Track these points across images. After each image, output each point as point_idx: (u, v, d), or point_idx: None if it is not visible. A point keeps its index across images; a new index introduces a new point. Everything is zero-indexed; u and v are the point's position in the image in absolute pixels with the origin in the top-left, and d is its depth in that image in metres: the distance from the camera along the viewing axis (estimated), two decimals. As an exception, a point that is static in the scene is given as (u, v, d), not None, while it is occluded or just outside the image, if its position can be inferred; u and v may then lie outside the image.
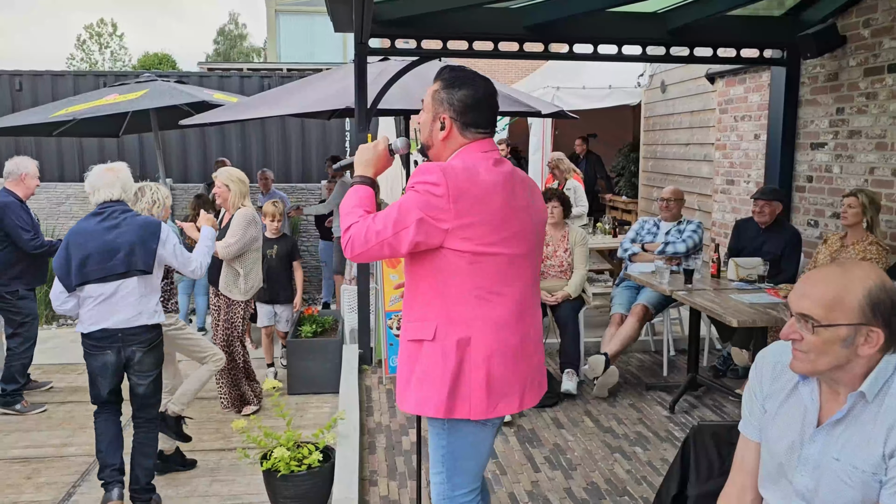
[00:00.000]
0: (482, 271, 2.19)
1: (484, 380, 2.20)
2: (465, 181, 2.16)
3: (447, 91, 2.27)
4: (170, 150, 9.88)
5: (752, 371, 1.89)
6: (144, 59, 41.60)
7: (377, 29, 5.23)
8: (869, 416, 1.62)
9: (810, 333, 1.60)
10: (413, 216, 2.14)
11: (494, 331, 2.21)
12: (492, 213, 2.18)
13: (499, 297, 2.22)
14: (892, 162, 4.86)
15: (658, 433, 4.41)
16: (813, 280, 1.64)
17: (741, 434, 1.88)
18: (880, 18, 4.94)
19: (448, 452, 2.33)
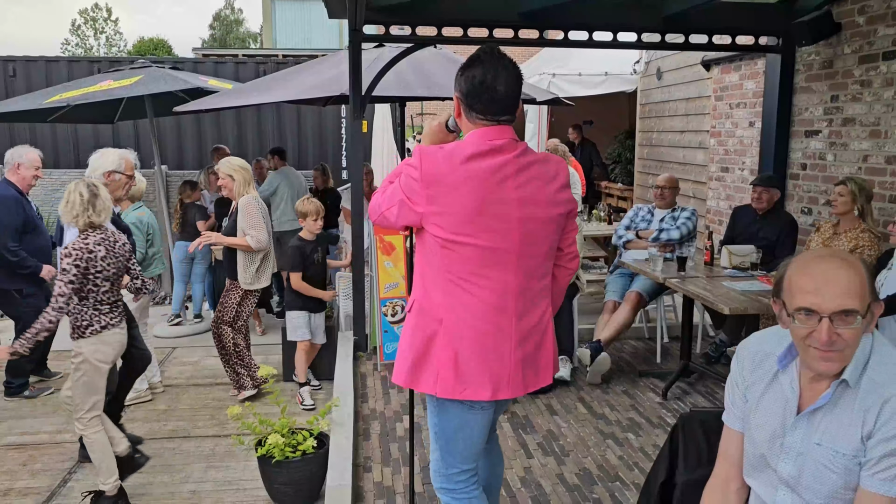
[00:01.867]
0: (455, 258, 2.19)
1: (452, 360, 2.23)
2: (439, 168, 2.16)
3: (461, 69, 2.26)
4: (165, 136, 9.84)
5: (734, 362, 1.89)
6: (140, 45, 41.38)
7: (372, 15, 5.21)
8: (848, 401, 1.63)
9: (850, 328, 1.56)
10: (397, 196, 2.22)
11: (467, 317, 2.22)
12: (463, 203, 2.15)
13: (472, 286, 2.21)
14: (885, 150, 4.87)
15: (650, 419, 4.45)
16: (832, 275, 1.57)
17: (725, 424, 1.89)
18: (875, 6, 4.93)
19: (440, 430, 2.40)
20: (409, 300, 2.38)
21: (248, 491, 3.92)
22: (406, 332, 2.34)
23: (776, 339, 1.80)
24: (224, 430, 4.66)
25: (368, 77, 5.48)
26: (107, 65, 9.59)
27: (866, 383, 1.61)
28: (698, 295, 4.18)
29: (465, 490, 2.44)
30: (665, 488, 2.10)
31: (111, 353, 3.67)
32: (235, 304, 5.09)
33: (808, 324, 1.58)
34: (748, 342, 1.88)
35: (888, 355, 1.63)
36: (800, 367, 1.71)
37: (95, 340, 3.58)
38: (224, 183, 5.04)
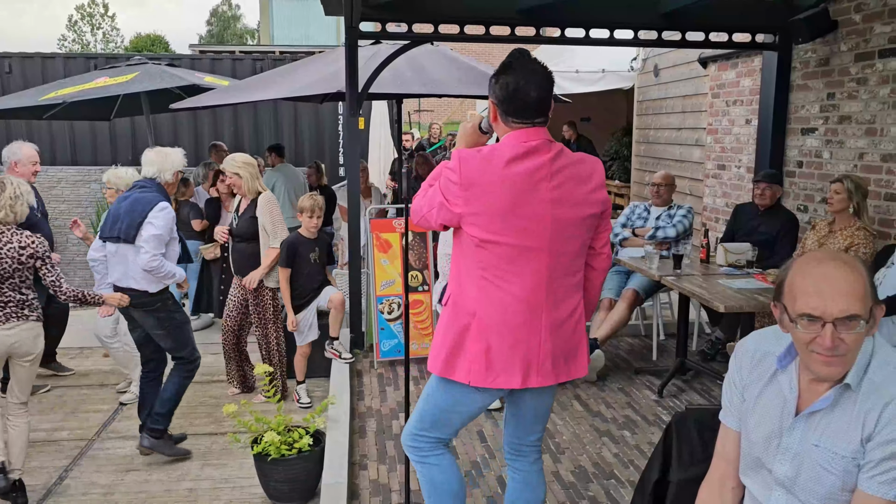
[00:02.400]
0: (488, 256, 2.31)
1: (483, 352, 2.34)
2: (476, 170, 2.26)
3: (495, 76, 2.34)
4: (161, 133, 9.82)
5: (732, 360, 1.88)
6: (137, 41, 41.28)
7: (368, 12, 5.20)
8: (848, 403, 1.62)
9: (853, 333, 1.55)
10: (437, 198, 2.33)
11: (497, 311, 2.33)
12: (498, 204, 2.25)
13: (504, 282, 2.32)
14: (881, 147, 4.87)
15: (646, 417, 4.45)
16: (835, 280, 1.55)
17: (721, 423, 1.89)
18: (871, 3, 4.93)
19: (433, 399, 2.50)
20: (445, 295, 2.48)
21: (244, 489, 3.93)
22: (441, 324, 2.45)
23: (775, 338, 1.79)
24: (221, 428, 4.67)
25: (365, 74, 5.47)
26: (103, 61, 9.57)
27: (867, 386, 1.60)
28: (694, 293, 4.18)
29: (432, 452, 2.57)
30: (659, 487, 2.11)
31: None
32: (270, 304, 5.03)
33: (811, 329, 1.56)
34: (746, 341, 1.88)
35: (889, 357, 1.62)
36: (799, 368, 1.71)
37: None
38: (233, 181, 4.97)
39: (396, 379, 5.14)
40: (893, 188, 4.79)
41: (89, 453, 4.34)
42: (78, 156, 10.02)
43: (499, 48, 20.42)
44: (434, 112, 16.28)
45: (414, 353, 5.40)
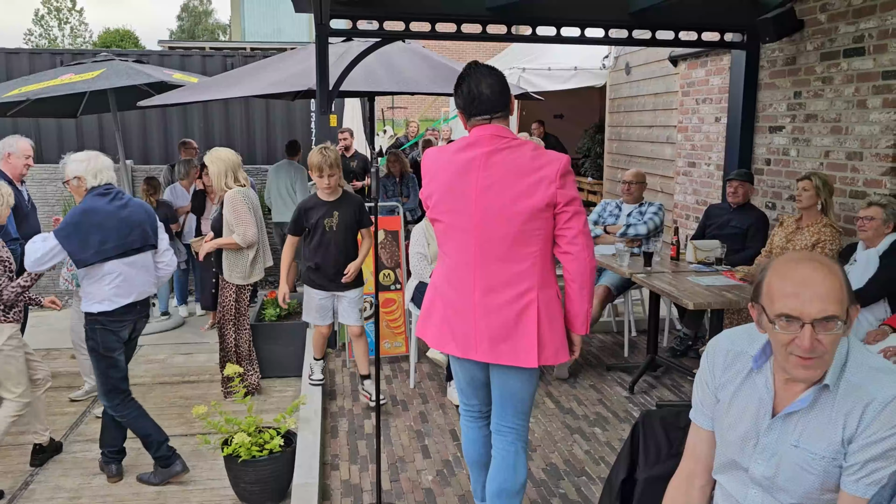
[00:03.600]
0: (438, 233, 2.74)
1: (438, 319, 2.75)
2: (432, 160, 2.72)
3: (455, 89, 2.71)
4: (130, 130, 9.67)
5: (704, 360, 1.88)
6: (105, 36, 40.63)
7: (339, 9, 5.16)
8: (826, 403, 1.62)
9: (831, 334, 1.54)
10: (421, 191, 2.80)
11: (442, 281, 2.74)
12: (440, 187, 2.66)
13: (447, 257, 2.72)
14: (846, 146, 4.95)
15: (617, 413, 4.49)
16: (813, 281, 1.55)
17: (692, 422, 1.89)
18: (836, 3, 5.00)
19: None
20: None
21: (214, 490, 3.89)
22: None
23: (748, 337, 1.79)
24: (191, 430, 4.62)
25: (336, 71, 5.43)
26: (69, 57, 9.39)
27: (845, 386, 1.60)
28: (664, 290, 4.22)
29: (463, 417, 2.97)
30: (626, 485, 2.12)
31: None
32: (232, 300, 5.00)
33: (789, 330, 1.56)
34: (719, 341, 1.86)
35: (864, 357, 1.63)
36: (774, 368, 1.70)
37: None
38: (208, 173, 4.99)
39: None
40: (858, 185, 4.87)
41: (57, 457, 4.26)
42: (44, 154, 9.82)
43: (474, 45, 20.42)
44: (408, 109, 16.25)
45: (386, 352, 5.40)
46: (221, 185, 4.90)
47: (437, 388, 4.89)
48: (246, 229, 4.82)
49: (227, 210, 4.85)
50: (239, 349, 5.10)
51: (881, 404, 1.55)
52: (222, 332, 5.03)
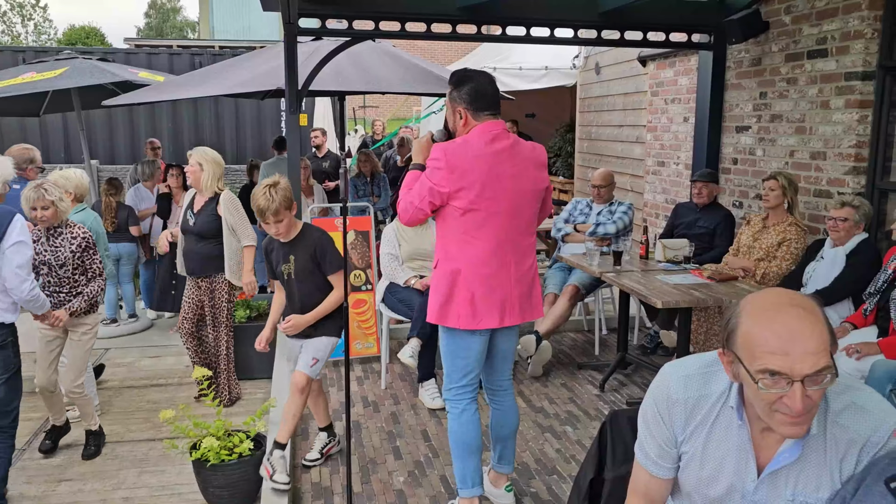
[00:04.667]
0: (467, 221, 2.96)
1: (468, 300, 2.98)
2: (458, 156, 2.89)
3: (456, 90, 2.98)
4: (95, 129, 9.52)
5: (657, 415, 1.69)
6: (70, 33, 39.85)
7: (307, 8, 5.12)
8: (817, 451, 1.53)
9: (822, 387, 1.40)
10: (426, 185, 2.94)
11: (475, 263, 2.98)
12: (475, 180, 2.90)
13: (478, 241, 2.97)
14: (810, 145, 5.03)
15: (588, 412, 4.52)
16: (801, 334, 1.39)
17: (641, 467, 1.77)
18: (800, 5, 5.08)
19: (447, 352, 3.14)
20: (434, 262, 3.13)
21: (183, 495, 3.83)
22: (433, 283, 3.10)
23: (702, 379, 1.65)
24: (159, 434, 4.55)
25: (305, 71, 5.39)
26: (32, 55, 9.21)
27: (833, 430, 1.51)
28: (633, 289, 4.25)
29: (460, 400, 3.15)
30: (594, 484, 2.13)
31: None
32: (226, 299, 4.92)
33: (776, 387, 1.40)
34: (670, 392, 1.66)
35: (845, 395, 1.53)
36: (749, 416, 1.59)
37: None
38: (193, 170, 4.76)
39: (339, 379, 5.09)
40: (822, 185, 4.95)
41: (19, 464, 4.17)
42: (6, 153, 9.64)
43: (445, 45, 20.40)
44: (379, 108, 16.19)
45: (357, 353, 5.37)
46: (214, 187, 4.78)
47: (409, 389, 4.88)
48: (248, 229, 4.82)
49: (230, 212, 4.76)
50: (230, 356, 5.02)
51: (875, 445, 1.49)
52: (218, 338, 4.93)
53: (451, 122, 3.07)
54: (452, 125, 3.07)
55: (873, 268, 4.10)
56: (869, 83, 4.59)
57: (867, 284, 4.04)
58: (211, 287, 4.87)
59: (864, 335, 3.85)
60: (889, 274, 3.85)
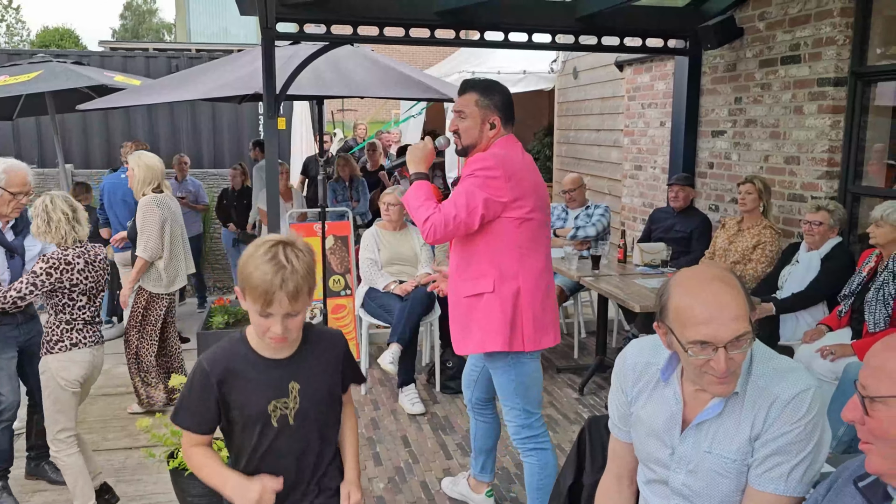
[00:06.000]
0: (524, 233, 2.78)
1: (532, 318, 2.80)
2: (512, 165, 2.74)
3: (488, 98, 2.83)
4: (70, 133, 9.39)
5: (614, 376, 1.90)
6: (44, 35, 39.32)
7: (285, 12, 5.10)
8: (735, 407, 1.67)
9: (743, 350, 1.59)
10: (478, 197, 2.69)
11: (534, 279, 2.82)
12: (529, 188, 2.77)
13: (535, 252, 2.83)
14: (784, 150, 5.11)
15: (567, 416, 4.54)
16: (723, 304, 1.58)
17: (612, 435, 1.92)
18: (773, 12, 5.15)
19: (519, 384, 2.90)
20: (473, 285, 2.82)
21: (160, 504, 3.80)
22: (488, 310, 2.80)
23: (653, 349, 1.81)
24: (136, 442, 4.50)
25: (284, 75, 5.36)
26: (5, 58, 9.06)
27: (752, 390, 1.65)
28: (611, 293, 4.29)
29: (544, 432, 3.00)
30: (573, 490, 2.15)
31: (78, 373, 3.47)
32: (141, 308, 4.86)
33: (703, 354, 1.58)
34: (626, 355, 1.88)
35: (768, 359, 1.68)
36: (682, 379, 1.74)
37: (63, 358, 3.41)
38: (129, 175, 4.80)
39: (320, 385, 5.08)
40: (796, 189, 5.02)
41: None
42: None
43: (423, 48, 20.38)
44: (358, 111, 16.15)
45: (337, 358, 5.36)
46: (142, 190, 4.75)
47: (389, 395, 4.87)
48: (147, 240, 4.65)
49: (138, 217, 4.70)
50: (141, 360, 4.92)
51: (784, 402, 1.61)
52: (127, 339, 4.89)
53: (474, 133, 2.85)
54: (475, 137, 2.86)
55: (847, 271, 4.17)
56: (841, 89, 4.67)
57: (842, 287, 4.10)
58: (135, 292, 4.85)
59: (839, 337, 3.91)
60: (863, 276, 3.92)
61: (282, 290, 1.74)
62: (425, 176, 2.86)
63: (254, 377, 1.90)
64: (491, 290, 2.79)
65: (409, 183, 2.91)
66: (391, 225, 5.02)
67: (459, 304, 2.89)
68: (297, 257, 1.79)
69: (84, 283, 3.42)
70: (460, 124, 2.87)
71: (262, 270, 1.75)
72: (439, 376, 4.91)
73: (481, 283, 2.81)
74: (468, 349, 2.91)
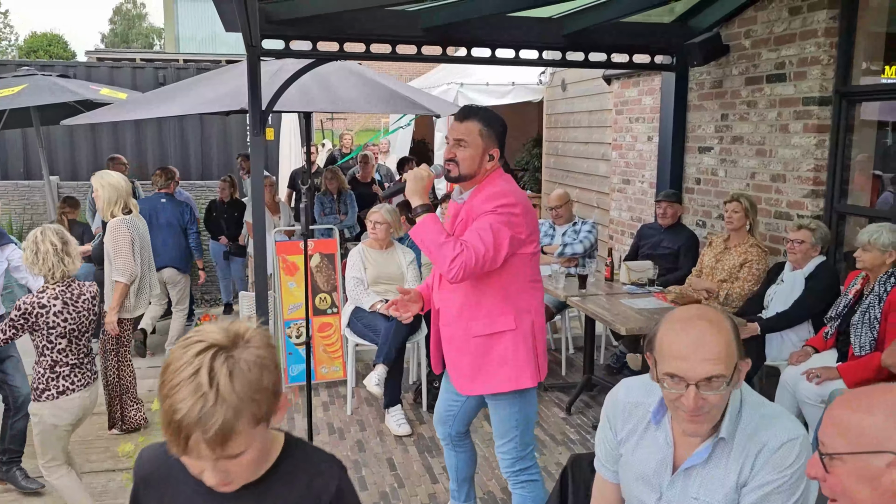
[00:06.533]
0: (534, 265, 2.81)
1: (543, 350, 2.82)
2: (524, 198, 2.76)
3: (490, 128, 2.77)
4: (56, 145, 9.33)
5: (604, 415, 1.88)
6: (32, 40, 39.07)
7: (271, 29, 5.07)
8: (723, 453, 1.66)
9: (716, 392, 1.58)
10: (504, 234, 2.63)
11: (540, 310, 2.84)
12: (535, 220, 2.80)
13: (539, 283, 2.86)
14: (770, 168, 5.11)
15: (555, 437, 4.51)
16: (700, 343, 1.58)
17: (597, 473, 1.91)
18: (759, 30, 5.17)
19: (522, 417, 2.85)
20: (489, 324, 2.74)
21: (142, 531, 3.74)
22: (516, 347, 2.74)
23: (644, 389, 1.81)
24: (119, 465, 4.45)
25: (270, 90, 5.33)
26: (-10, 69, 9.00)
27: (741, 436, 1.64)
28: (597, 314, 4.27)
29: (535, 463, 2.99)
30: (557, 529, 2.13)
31: (69, 418, 3.43)
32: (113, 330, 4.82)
33: (675, 388, 1.59)
34: (617, 393, 1.87)
35: (757, 407, 1.68)
36: (673, 421, 1.74)
37: (51, 406, 3.34)
38: (96, 195, 4.73)
39: (305, 404, 5.02)
40: (782, 207, 5.03)
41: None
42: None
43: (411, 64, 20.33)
44: (346, 120, 16.13)
45: (323, 377, 5.32)
46: (108, 211, 4.68)
47: (375, 415, 4.84)
48: (123, 263, 4.60)
49: (109, 240, 4.63)
50: (124, 385, 4.87)
51: (771, 450, 1.61)
52: (104, 364, 4.83)
53: (474, 162, 2.74)
54: (474, 167, 2.75)
55: (831, 291, 4.17)
56: (826, 108, 4.68)
57: (826, 307, 4.11)
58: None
59: (824, 359, 3.91)
60: (849, 299, 3.92)
61: (199, 431, 1.17)
62: (427, 208, 2.69)
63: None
64: (514, 328, 2.74)
65: (408, 210, 2.90)
66: (378, 243, 5.00)
67: (469, 343, 2.78)
68: (234, 377, 1.19)
69: (62, 326, 3.31)
70: (459, 153, 2.75)
71: (175, 398, 1.18)
72: (426, 396, 4.89)
73: (501, 321, 2.74)
74: (484, 389, 2.80)
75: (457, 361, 2.85)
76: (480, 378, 2.79)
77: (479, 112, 2.80)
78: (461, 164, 2.75)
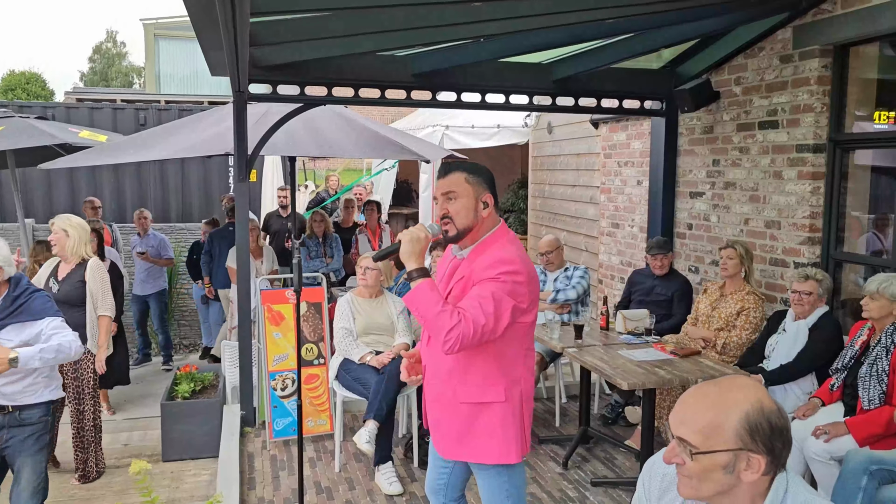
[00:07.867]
0: (530, 333, 2.65)
1: (529, 422, 2.68)
2: (530, 265, 2.57)
3: (475, 175, 2.61)
4: (32, 187, 9.12)
5: (640, 483, 1.80)
6: (10, 78, 38.73)
7: (258, 73, 4.98)
8: None
9: (690, 459, 1.54)
10: (506, 304, 2.45)
11: (530, 378, 2.68)
12: (538, 289, 2.63)
13: (532, 350, 2.69)
14: (764, 214, 5.07)
15: (552, 493, 4.34)
16: (690, 404, 1.57)
17: None
18: (749, 77, 5.16)
19: (515, 492, 2.70)
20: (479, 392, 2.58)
21: None
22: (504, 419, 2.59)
23: None
24: None
25: (256, 134, 5.23)
26: (-35, 110, 8.81)
27: None
28: (596, 367, 4.14)
29: None
30: None
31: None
32: (91, 372, 4.74)
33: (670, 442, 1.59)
34: (654, 464, 1.79)
35: (800, 495, 1.56)
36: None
37: None
38: (56, 238, 4.72)
39: (291, 461, 4.81)
40: (777, 253, 4.97)
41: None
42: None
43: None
44: (329, 160, 16.04)
45: (310, 431, 5.11)
46: (81, 252, 4.76)
47: (365, 472, 4.63)
48: (110, 300, 4.82)
49: (95, 279, 4.73)
50: (97, 427, 4.82)
51: None
52: (82, 408, 4.70)
53: (469, 213, 2.57)
54: (471, 218, 2.58)
55: (835, 342, 4.09)
56: (820, 155, 4.66)
57: (832, 357, 4.01)
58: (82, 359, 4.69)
59: (831, 413, 3.80)
60: (856, 350, 3.83)
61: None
62: (423, 272, 2.50)
63: None
64: (503, 400, 2.58)
65: (398, 276, 2.74)
66: (367, 291, 4.84)
67: (458, 409, 2.63)
68: None
69: None
70: (451, 207, 2.57)
71: None
72: (417, 451, 4.70)
73: (491, 391, 2.58)
74: (471, 457, 2.65)
75: (442, 422, 2.69)
76: (466, 445, 2.65)
77: (460, 164, 2.68)
78: (455, 217, 2.57)
